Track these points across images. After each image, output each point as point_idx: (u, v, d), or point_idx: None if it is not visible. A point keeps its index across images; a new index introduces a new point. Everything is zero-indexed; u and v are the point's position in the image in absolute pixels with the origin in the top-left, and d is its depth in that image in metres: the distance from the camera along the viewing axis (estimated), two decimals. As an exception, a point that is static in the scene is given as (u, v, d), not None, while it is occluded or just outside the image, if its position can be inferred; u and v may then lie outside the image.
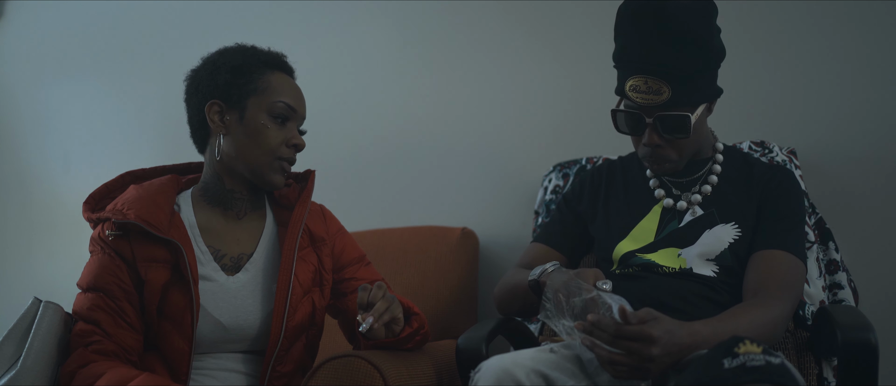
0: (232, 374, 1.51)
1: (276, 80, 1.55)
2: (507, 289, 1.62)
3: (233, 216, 1.57)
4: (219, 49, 1.59)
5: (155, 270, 1.46)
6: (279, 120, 1.53)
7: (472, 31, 2.36)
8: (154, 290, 1.45)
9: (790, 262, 1.46)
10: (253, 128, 1.51)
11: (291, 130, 1.55)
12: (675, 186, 1.62)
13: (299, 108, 1.57)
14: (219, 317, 1.48)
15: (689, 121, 1.46)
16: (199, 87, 1.55)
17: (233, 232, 1.57)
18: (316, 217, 1.66)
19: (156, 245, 1.46)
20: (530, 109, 2.29)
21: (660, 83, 1.45)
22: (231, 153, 1.53)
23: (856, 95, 1.97)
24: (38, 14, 2.99)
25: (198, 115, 1.55)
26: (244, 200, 1.58)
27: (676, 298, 1.49)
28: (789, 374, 1.12)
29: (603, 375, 1.28)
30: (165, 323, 1.45)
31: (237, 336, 1.50)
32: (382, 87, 2.47)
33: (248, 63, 1.54)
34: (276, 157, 1.52)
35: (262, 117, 1.51)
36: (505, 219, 2.25)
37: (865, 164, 1.94)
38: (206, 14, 2.72)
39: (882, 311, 1.82)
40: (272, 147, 1.51)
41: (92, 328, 1.41)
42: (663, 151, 1.52)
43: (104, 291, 1.44)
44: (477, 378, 1.27)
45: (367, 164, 2.47)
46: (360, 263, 1.68)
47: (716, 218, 1.55)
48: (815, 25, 2.01)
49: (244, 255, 1.55)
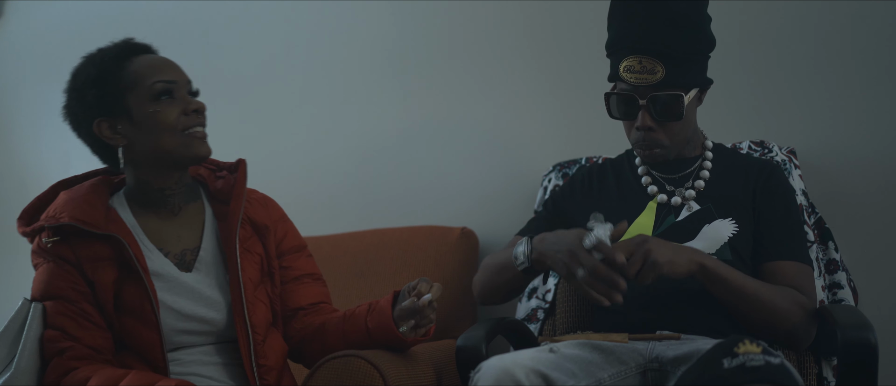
0: (210, 366, 1.49)
1: (137, 66, 1.50)
2: (493, 270, 1.60)
3: (168, 214, 1.54)
4: (71, 72, 1.55)
5: (102, 270, 1.44)
6: (164, 97, 1.48)
7: (472, 31, 2.36)
8: (105, 289, 1.43)
9: (800, 270, 1.49)
10: (146, 120, 1.47)
11: (182, 99, 1.50)
12: (667, 182, 1.62)
13: (176, 77, 1.52)
14: (180, 308, 1.46)
15: (682, 101, 1.48)
16: (77, 117, 1.53)
17: (172, 228, 1.54)
18: (257, 205, 1.63)
19: (97, 243, 1.44)
20: (530, 109, 2.29)
21: (654, 62, 1.47)
22: (143, 153, 1.49)
23: (856, 95, 1.97)
24: (38, 14, 2.99)
25: (93, 140, 1.52)
26: (176, 194, 1.54)
27: (675, 296, 1.49)
28: (789, 374, 1.12)
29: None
30: (128, 319, 1.43)
31: (205, 327, 1.49)
32: (382, 86, 2.47)
33: (104, 68, 1.49)
34: (181, 130, 1.47)
35: (148, 106, 1.46)
36: (505, 219, 2.25)
37: (865, 164, 1.94)
38: (207, 14, 2.72)
39: (882, 310, 1.82)
40: (172, 124, 1.46)
41: (59, 334, 1.40)
42: (655, 135, 1.53)
43: (60, 297, 1.42)
44: (476, 378, 1.27)
45: (366, 164, 2.46)
46: (301, 254, 1.66)
47: (713, 213, 1.55)
48: (815, 25, 2.01)
49: (187, 250, 1.53)
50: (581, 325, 1.82)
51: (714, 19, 1.66)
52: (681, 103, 1.49)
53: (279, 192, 2.56)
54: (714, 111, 1.81)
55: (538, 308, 1.90)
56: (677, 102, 1.49)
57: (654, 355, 1.41)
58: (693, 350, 1.35)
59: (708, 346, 1.25)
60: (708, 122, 1.76)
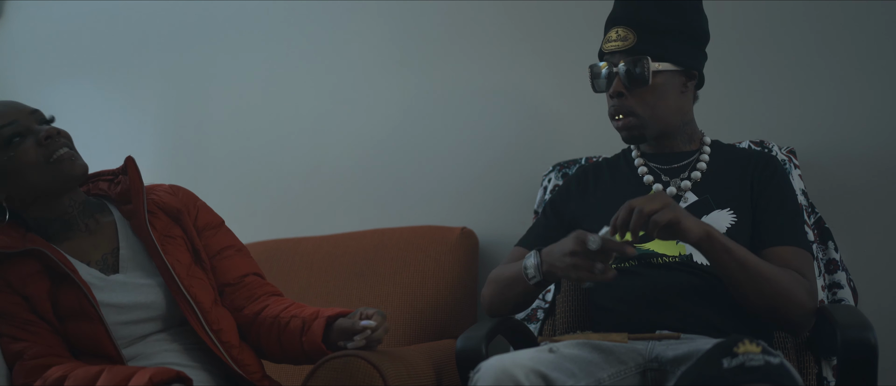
0: (173, 352, 1.50)
1: None
2: (503, 283, 1.60)
3: (80, 234, 1.54)
4: None
5: (32, 283, 1.44)
6: (16, 140, 1.45)
7: (471, 31, 2.36)
8: (41, 299, 1.43)
9: (799, 255, 1.49)
10: (9, 168, 1.44)
11: (33, 133, 1.46)
12: (663, 173, 1.63)
13: (17, 116, 1.47)
14: (116, 302, 1.47)
15: (647, 65, 1.53)
16: None
17: (88, 242, 1.54)
18: (165, 194, 1.63)
19: (20, 262, 1.45)
20: (530, 109, 2.29)
21: (628, 31, 1.56)
22: (24, 197, 1.48)
23: (855, 95, 1.97)
24: (38, 14, 2.99)
25: None
26: (77, 215, 1.54)
27: (675, 295, 1.49)
28: (788, 374, 1.12)
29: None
30: (71, 324, 1.45)
31: (147, 313, 1.49)
32: (382, 86, 2.47)
33: None
34: (47, 162, 1.45)
35: (3, 156, 1.44)
36: (504, 219, 2.25)
37: (865, 164, 1.94)
38: (206, 14, 2.72)
39: (882, 310, 1.82)
40: (35, 161, 1.45)
41: (10, 340, 1.42)
42: (626, 101, 1.57)
43: (1, 315, 1.43)
44: (476, 378, 1.27)
45: (366, 164, 2.47)
46: (218, 229, 1.66)
47: (711, 204, 1.56)
48: (814, 25, 2.01)
49: (107, 254, 1.53)
50: (581, 325, 1.82)
51: (714, 19, 1.66)
52: (646, 67, 1.53)
53: (279, 191, 2.58)
54: (714, 111, 1.82)
55: (538, 308, 1.90)
56: (643, 66, 1.54)
57: (653, 355, 1.41)
58: (692, 350, 1.35)
59: (707, 345, 1.25)
60: (708, 122, 1.76)
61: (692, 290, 1.48)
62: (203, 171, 2.67)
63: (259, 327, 1.57)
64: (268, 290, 1.64)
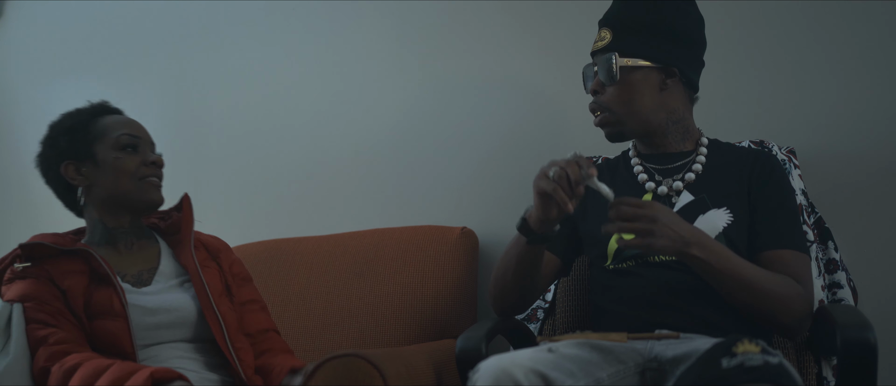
0: (190, 360, 1.58)
1: (109, 121, 1.68)
2: (500, 264, 1.61)
3: (123, 249, 1.68)
4: (49, 125, 1.71)
5: (72, 279, 1.56)
6: (129, 149, 1.65)
7: (471, 31, 2.36)
8: (76, 295, 1.55)
9: (796, 258, 1.49)
10: (109, 165, 1.63)
11: (144, 153, 1.67)
12: (657, 173, 1.63)
13: (142, 134, 1.69)
14: (145, 304, 1.57)
15: (613, 60, 1.57)
16: (48, 162, 1.68)
17: (127, 259, 1.67)
18: (207, 236, 1.81)
19: (66, 261, 1.58)
20: (530, 109, 2.29)
21: (606, 31, 1.62)
22: (102, 195, 1.65)
23: (856, 95, 1.97)
24: (38, 14, 2.99)
25: (59, 182, 1.67)
26: (128, 233, 1.69)
27: (673, 295, 1.49)
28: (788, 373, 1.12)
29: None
30: (98, 321, 1.53)
31: (173, 317, 1.59)
32: (381, 86, 2.47)
33: (78, 121, 1.67)
34: (139, 178, 1.64)
35: (113, 153, 1.64)
36: (504, 218, 2.24)
37: (865, 164, 1.94)
38: (206, 14, 2.72)
39: (882, 310, 1.82)
40: (132, 171, 1.64)
41: (39, 326, 1.50)
42: (600, 97, 1.62)
43: (35, 299, 1.54)
44: (475, 378, 1.27)
45: (366, 164, 2.47)
46: (247, 283, 1.80)
47: (708, 203, 1.56)
48: (814, 25, 2.01)
49: (143, 270, 1.66)
50: (580, 324, 1.82)
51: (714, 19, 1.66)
52: (613, 63, 1.57)
53: (279, 191, 2.58)
54: (714, 111, 1.81)
55: (538, 308, 1.91)
56: (610, 61, 1.57)
57: (652, 355, 1.41)
58: (692, 349, 1.35)
59: (707, 345, 1.24)
60: (708, 122, 1.76)
61: (691, 289, 1.48)
62: (203, 170, 2.67)
63: (264, 377, 1.67)
64: (283, 347, 1.74)
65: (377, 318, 2.08)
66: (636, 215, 1.35)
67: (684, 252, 1.38)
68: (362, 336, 2.07)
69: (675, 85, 1.62)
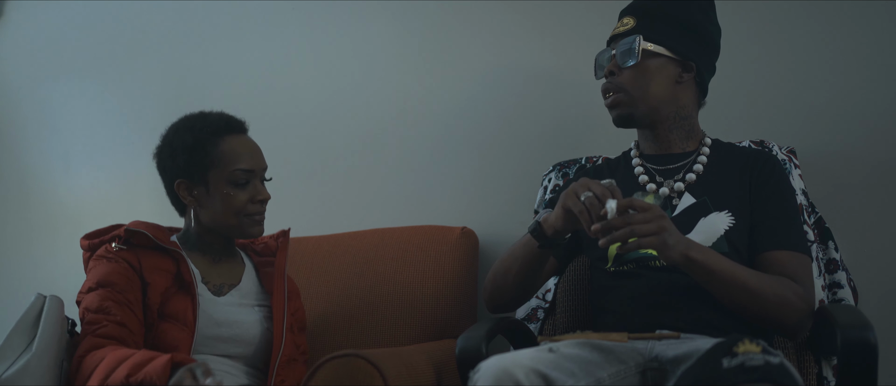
0: (235, 376, 1.60)
1: (228, 146, 1.70)
2: (505, 259, 1.61)
3: (210, 260, 1.75)
4: (172, 126, 1.77)
5: (158, 276, 1.61)
6: (241, 184, 1.69)
7: (471, 30, 2.36)
8: (156, 292, 1.59)
9: (796, 259, 1.49)
10: (219, 197, 1.69)
11: (254, 188, 1.72)
12: (658, 174, 1.63)
13: (256, 167, 1.72)
14: (212, 313, 1.61)
15: (637, 42, 1.57)
16: (165, 169, 1.73)
17: (214, 269, 1.73)
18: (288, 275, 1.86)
19: (158, 256, 1.64)
20: (530, 108, 2.29)
21: (629, 18, 1.64)
22: (207, 219, 1.72)
23: (856, 95, 1.97)
24: (38, 14, 2.99)
25: (171, 191, 1.73)
26: (219, 248, 1.76)
27: (674, 296, 1.49)
28: (788, 373, 1.12)
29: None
30: (166, 324, 1.57)
31: (235, 336, 1.62)
32: (381, 85, 2.47)
33: (199, 140, 1.69)
34: (245, 215, 1.70)
35: (225, 187, 1.68)
36: (504, 218, 2.25)
37: (865, 164, 1.94)
38: (206, 14, 2.72)
39: (882, 310, 1.82)
40: (239, 208, 1.69)
41: (101, 317, 1.53)
42: (616, 78, 1.61)
43: (112, 285, 1.56)
44: (476, 378, 1.27)
45: (366, 164, 2.47)
46: (304, 331, 1.85)
47: (709, 206, 1.56)
48: (814, 25, 2.01)
49: (225, 284, 1.72)
50: (581, 324, 1.82)
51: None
52: (636, 44, 1.58)
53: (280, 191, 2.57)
54: (714, 111, 1.81)
55: (538, 308, 1.90)
56: (633, 43, 1.59)
57: (653, 355, 1.41)
58: (692, 349, 1.35)
59: (707, 345, 1.25)
60: (708, 123, 1.76)
61: (691, 290, 1.48)
62: (203, 170, 2.67)
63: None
64: None
65: (377, 318, 2.08)
66: (647, 219, 1.34)
67: (686, 254, 1.37)
68: (362, 336, 2.07)
69: (690, 82, 1.63)
